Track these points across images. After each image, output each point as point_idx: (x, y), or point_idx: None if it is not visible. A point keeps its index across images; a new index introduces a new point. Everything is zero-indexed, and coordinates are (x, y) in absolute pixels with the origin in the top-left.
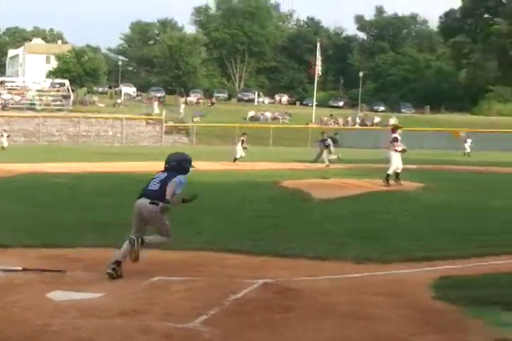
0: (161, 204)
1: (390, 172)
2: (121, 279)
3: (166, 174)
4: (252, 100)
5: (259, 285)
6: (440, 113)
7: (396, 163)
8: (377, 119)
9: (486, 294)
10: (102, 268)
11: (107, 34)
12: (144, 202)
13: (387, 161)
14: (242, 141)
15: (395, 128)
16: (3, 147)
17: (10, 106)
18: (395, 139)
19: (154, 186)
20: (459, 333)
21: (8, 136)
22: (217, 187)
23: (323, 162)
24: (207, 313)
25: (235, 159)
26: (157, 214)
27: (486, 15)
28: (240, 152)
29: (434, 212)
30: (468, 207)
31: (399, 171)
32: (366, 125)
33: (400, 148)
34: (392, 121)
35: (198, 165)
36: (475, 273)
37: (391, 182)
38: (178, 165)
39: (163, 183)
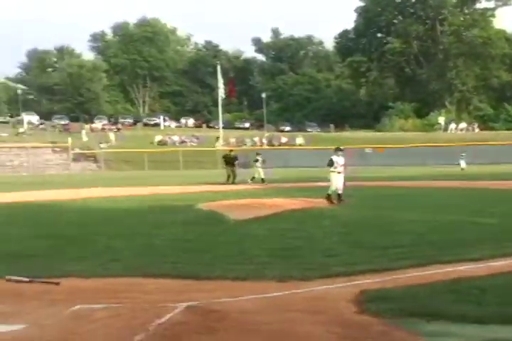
0: None
1: (329, 192)
2: (41, 309)
3: None
4: (158, 124)
5: (182, 309)
6: (345, 130)
7: (335, 183)
8: (284, 139)
9: (407, 306)
10: (19, 299)
11: (3, 62)
12: None
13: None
14: (257, 160)
15: (336, 149)
16: None
17: None
18: (331, 161)
19: None
20: None
21: None
22: (131, 212)
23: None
24: (132, 340)
25: (263, 180)
26: None
27: (379, 35)
28: (260, 172)
29: (350, 228)
30: (383, 222)
31: (340, 192)
32: (274, 145)
33: (336, 169)
34: (299, 140)
35: (109, 192)
36: (393, 285)
37: (334, 201)
38: None
39: None
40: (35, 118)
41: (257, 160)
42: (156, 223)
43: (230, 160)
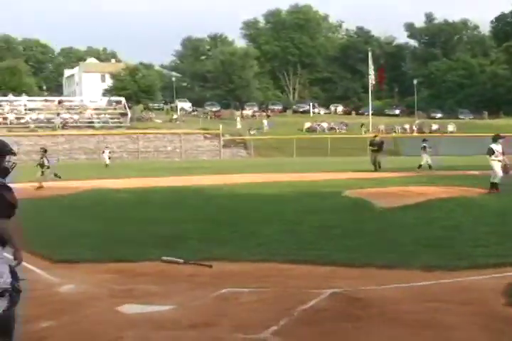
0: None
1: (496, 180)
2: (189, 291)
3: None
4: (307, 111)
5: (327, 295)
6: (499, 117)
7: (498, 171)
8: (435, 126)
9: None
10: (169, 281)
11: (159, 51)
12: None
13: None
14: (424, 147)
15: (495, 137)
16: (106, 165)
17: (69, 124)
18: (491, 150)
19: None
20: None
21: (110, 153)
22: (279, 199)
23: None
24: (277, 324)
25: (430, 166)
26: None
27: None
28: (428, 158)
29: (499, 218)
30: None
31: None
32: (424, 132)
33: (497, 158)
34: (451, 127)
35: (258, 178)
36: None
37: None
38: None
39: None
40: (187, 105)
41: (424, 147)
42: (302, 209)
43: (375, 146)
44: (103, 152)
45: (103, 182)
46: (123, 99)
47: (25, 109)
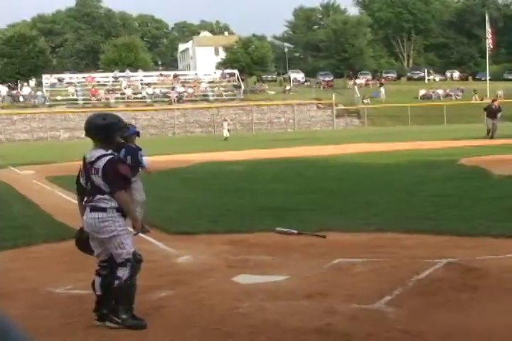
0: None
1: None
2: (303, 262)
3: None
4: (422, 78)
5: (442, 265)
6: None
7: None
8: None
9: None
10: (283, 251)
11: (271, 22)
12: None
13: None
14: None
15: None
16: (226, 138)
17: (184, 98)
18: None
19: None
20: None
21: (228, 125)
22: (391, 168)
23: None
24: (391, 294)
25: None
26: None
27: None
28: None
29: None
30: None
31: None
32: None
33: None
34: None
35: (370, 147)
36: None
37: None
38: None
39: None
40: (300, 76)
41: None
42: (417, 178)
43: (491, 112)
44: (222, 125)
45: (217, 154)
46: (236, 72)
47: (142, 84)
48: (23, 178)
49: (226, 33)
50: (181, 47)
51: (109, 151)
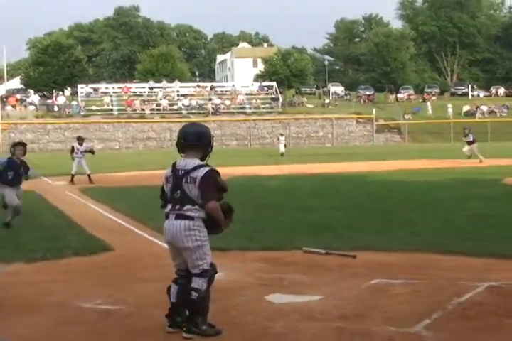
0: None
1: None
2: (339, 282)
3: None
4: (465, 94)
5: (483, 289)
6: None
7: None
8: None
9: None
10: (319, 271)
11: (311, 34)
12: None
13: None
14: None
15: None
16: (282, 153)
17: (221, 110)
18: None
19: None
20: None
21: (285, 140)
22: (434, 186)
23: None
24: (430, 317)
25: None
26: None
27: None
28: None
29: None
30: None
31: None
32: None
33: None
34: None
35: (411, 164)
36: None
37: None
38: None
39: None
40: (340, 89)
41: None
42: (458, 197)
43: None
44: (278, 139)
45: (251, 168)
46: (274, 84)
47: (178, 95)
48: (55, 189)
49: (265, 45)
50: (219, 58)
51: (204, 162)
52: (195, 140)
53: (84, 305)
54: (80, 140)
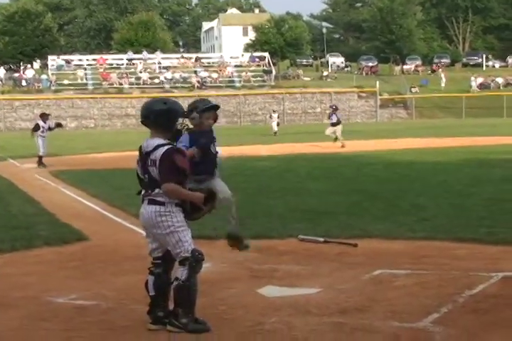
0: None
1: None
2: (338, 273)
3: None
4: (479, 65)
5: (498, 280)
6: None
7: None
8: None
9: None
10: (316, 261)
11: None
12: None
13: None
14: None
15: None
16: (275, 133)
17: (207, 84)
18: None
19: None
20: None
21: (279, 117)
22: (441, 166)
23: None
24: (438, 311)
25: None
26: None
27: None
28: None
29: None
30: None
31: None
32: None
33: None
34: None
35: (418, 142)
36: None
37: None
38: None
39: None
40: (340, 60)
41: None
42: (470, 180)
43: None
44: (270, 116)
45: (241, 148)
46: (267, 55)
47: (160, 67)
48: (24, 172)
49: (256, 11)
50: (205, 26)
51: (167, 141)
52: (142, 117)
53: (58, 300)
54: (45, 116)
